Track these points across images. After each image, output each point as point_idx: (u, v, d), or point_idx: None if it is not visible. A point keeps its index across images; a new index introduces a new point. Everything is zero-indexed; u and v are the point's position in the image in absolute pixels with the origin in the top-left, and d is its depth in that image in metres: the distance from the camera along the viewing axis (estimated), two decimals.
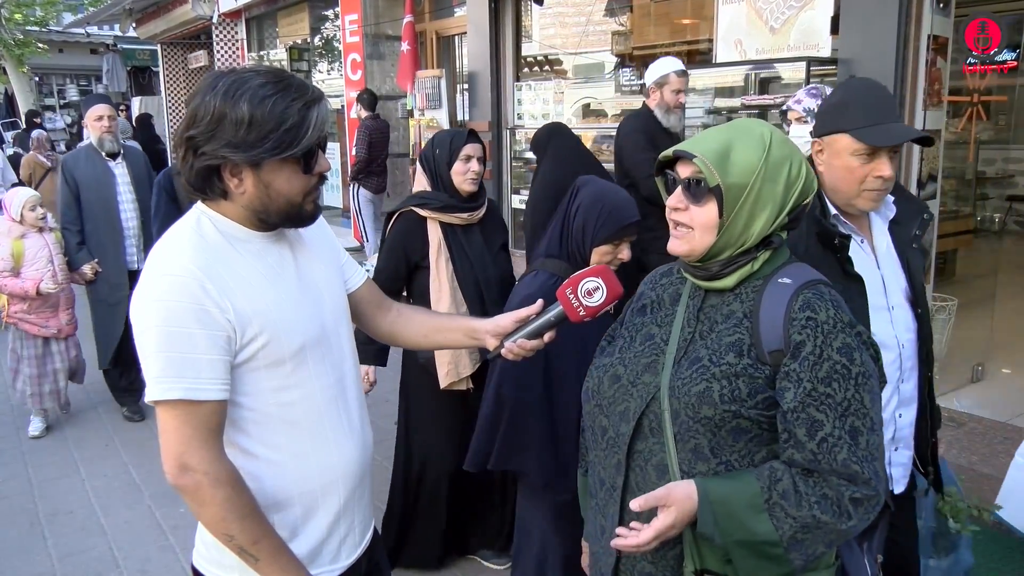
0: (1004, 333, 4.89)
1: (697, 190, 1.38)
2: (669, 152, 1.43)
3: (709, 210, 1.38)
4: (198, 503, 1.37)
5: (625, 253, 2.23)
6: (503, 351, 1.62)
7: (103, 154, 4.79)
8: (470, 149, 2.87)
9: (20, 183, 9.48)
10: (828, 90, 3.29)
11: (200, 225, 1.43)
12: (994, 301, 5.17)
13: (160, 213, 4.44)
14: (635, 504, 1.33)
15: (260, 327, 1.39)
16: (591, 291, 1.56)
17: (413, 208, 2.89)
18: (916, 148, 3.80)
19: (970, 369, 4.41)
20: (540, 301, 1.63)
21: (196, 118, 1.34)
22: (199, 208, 1.45)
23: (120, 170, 4.83)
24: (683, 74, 4.07)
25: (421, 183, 2.97)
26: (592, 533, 1.59)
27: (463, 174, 2.86)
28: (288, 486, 1.47)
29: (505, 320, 1.64)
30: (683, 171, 1.41)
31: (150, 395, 1.34)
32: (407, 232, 2.91)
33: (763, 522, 1.29)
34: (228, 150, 1.33)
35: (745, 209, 1.36)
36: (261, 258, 1.45)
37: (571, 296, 1.56)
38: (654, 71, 4.14)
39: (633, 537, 1.32)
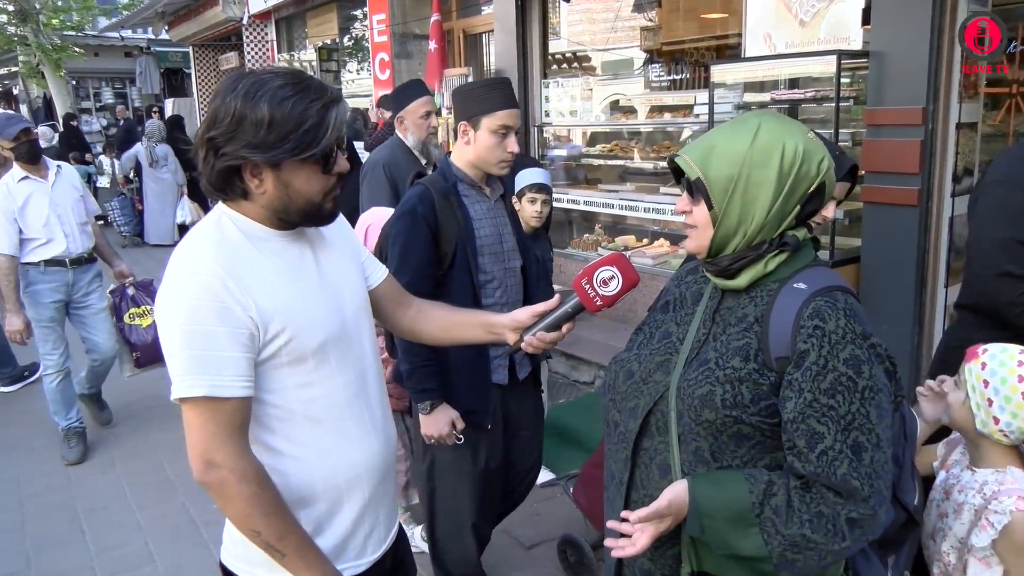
0: None
1: (690, 188, 1.40)
2: (667, 160, 1.45)
3: (702, 207, 1.38)
4: (224, 499, 1.39)
5: None
6: (523, 344, 1.63)
7: (424, 162, 3.90)
8: (838, 189, 2.00)
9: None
10: None
11: (221, 225, 1.45)
12: None
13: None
14: (634, 516, 1.32)
15: (282, 324, 1.40)
16: (607, 280, 1.55)
17: None
18: (951, 141, 3.73)
19: None
20: (558, 295, 1.63)
21: (216, 119, 1.36)
22: (220, 208, 1.48)
23: None
24: None
25: None
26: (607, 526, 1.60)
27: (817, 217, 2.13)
28: (313, 482, 1.49)
29: (522, 314, 1.65)
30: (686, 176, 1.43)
31: (175, 392, 1.36)
32: None
33: (752, 536, 1.27)
34: (248, 151, 1.35)
35: (736, 198, 1.35)
36: (281, 256, 1.46)
37: (587, 286, 1.56)
38: None
39: (630, 547, 1.32)
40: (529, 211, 3.50)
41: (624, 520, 1.33)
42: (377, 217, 3.30)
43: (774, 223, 1.36)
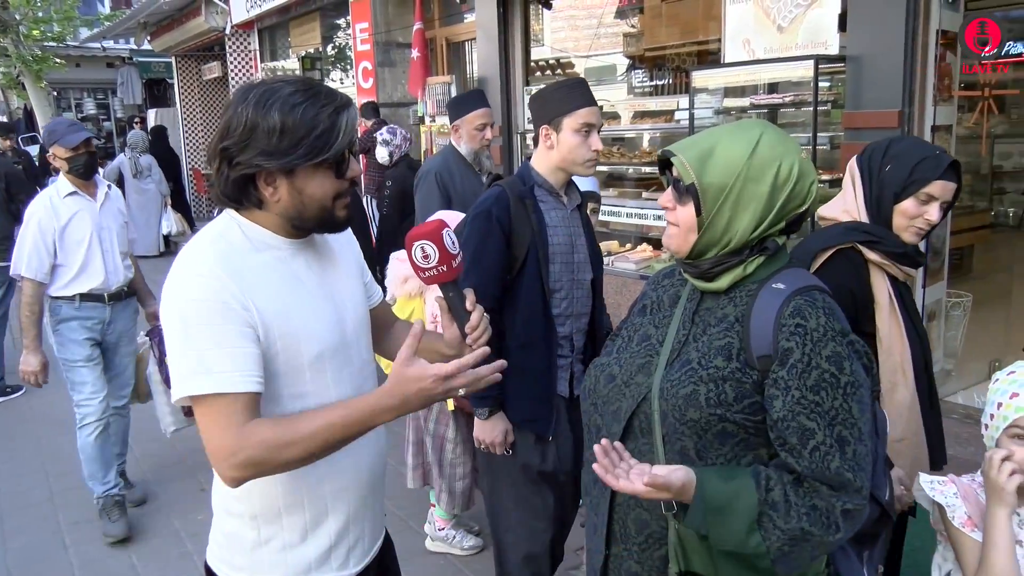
0: (1021, 328, 4.84)
1: (679, 189, 1.40)
2: (659, 152, 1.46)
3: (689, 209, 1.39)
4: (271, 471, 1.36)
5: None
6: (471, 344, 1.54)
7: (477, 171, 3.78)
8: (938, 188, 1.89)
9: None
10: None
11: (228, 230, 1.45)
12: (1011, 296, 5.13)
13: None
14: (649, 475, 1.27)
15: (280, 332, 1.40)
16: (425, 256, 1.45)
17: (860, 246, 1.96)
18: None
19: (987, 365, 4.37)
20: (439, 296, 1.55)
21: (229, 129, 1.37)
22: (229, 214, 1.47)
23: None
24: None
25: (849, 195, 2.05)
26: (588, 529, 1.60)
27: (911, 219, 1.92)
28: (300, 489, 1.49)
29: (450, 332, 1.58)
30: (673, 171, 1.43)
31: (184, 391, 1.34)
32: (852, 276, 1.96)
33: (753, 532, 1.28)
34: (262, 158, 1.36)
35: (726, 208, 1.37)
36: (287, 264, 1.47)
37: (422, 274, 1.48)
38: None
39: (625, 481, 1.28)
40: None
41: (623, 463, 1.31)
42: (449, 219, 3.17)
43: (758, 236, 1.39)
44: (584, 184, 3.27)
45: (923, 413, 1.99)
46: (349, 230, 1.65)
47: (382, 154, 5.16)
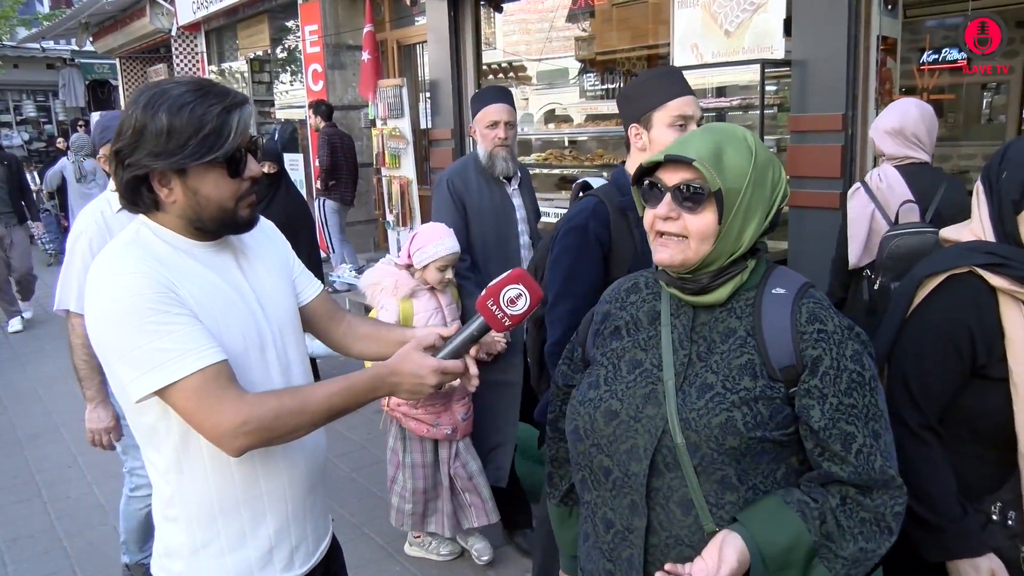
0: None
1: (693, 197, 1.31)
2: (659, 156, 1.34)
3: (706, 217, 1.30)
4: (278, 440, 1.40)
5: None
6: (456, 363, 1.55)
7: (497, 176, 3.40)
8: None
9: None
10: None
11: (140, 235, 1.45)
12: None
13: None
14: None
15: None
16: (514, 299, 1.49)
17: (978, 270, 1.60)
18: (870, 146, 3.87)
19: None
20: (457, 322, 1.56)
21: (122, 132, 1.39)
22: (139, 220, 1.47)
23: (518, 200, 3.44)
24: None
25: (975, 213, 1.72)
26: (594, 574, 1.47)
27: None
28: (234, 491, 1.48)
29: (425, 332, 1.58)
30: (672, 178, 1.33)
31: (153, 385, 1.32)
32: (968, 307, 1.60)
33: (815, 568, 1.26)
34: (150, 159, 1.36)
35: (739, 215, 1.31)
36: (199, 267, 1.46)
37: (493, 307, 1.49)
38: None
39: None
40: None
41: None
42: (425, 227, 3.13)
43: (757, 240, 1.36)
44: None
45: None
46: (273, 226, 1.66)
47: None
